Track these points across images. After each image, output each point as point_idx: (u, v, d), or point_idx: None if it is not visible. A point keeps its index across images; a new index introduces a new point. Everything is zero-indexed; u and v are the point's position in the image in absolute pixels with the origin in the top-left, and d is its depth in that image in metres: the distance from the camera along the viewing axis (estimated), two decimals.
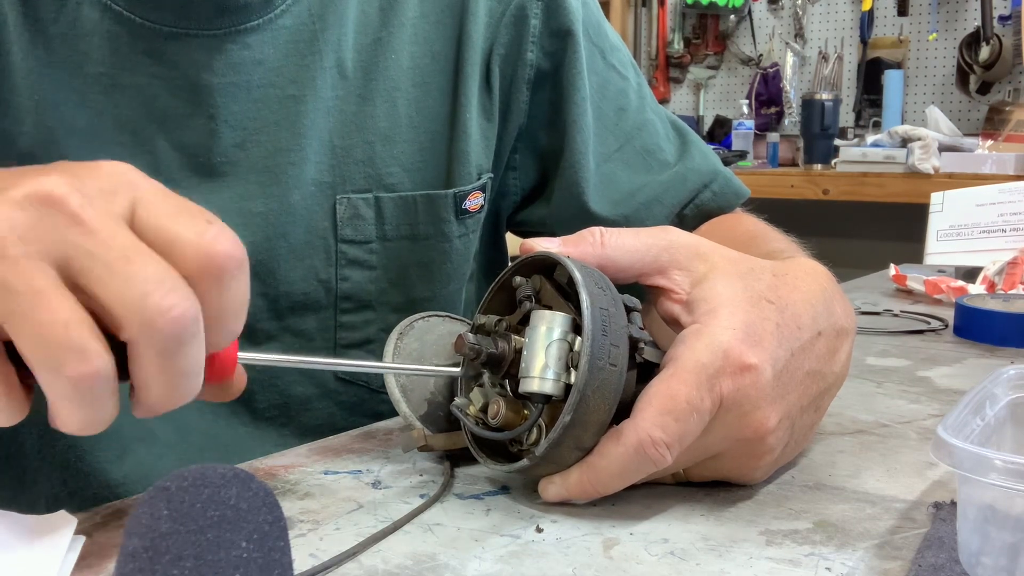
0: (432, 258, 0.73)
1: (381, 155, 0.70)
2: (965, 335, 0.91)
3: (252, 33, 0.64)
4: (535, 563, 0.42)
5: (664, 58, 3.70)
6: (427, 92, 0.72)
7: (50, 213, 0.36)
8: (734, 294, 0.48)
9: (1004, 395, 0.46)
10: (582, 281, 0.46)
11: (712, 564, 0.42)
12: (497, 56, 0.74)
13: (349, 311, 0.71)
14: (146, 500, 0.33)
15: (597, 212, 0.77)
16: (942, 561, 0.41)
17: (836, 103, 2.97)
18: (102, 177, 0.38)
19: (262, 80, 0.65)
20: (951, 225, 1.22)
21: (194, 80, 0.63)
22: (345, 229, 0.69)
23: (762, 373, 0.46)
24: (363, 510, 0.48)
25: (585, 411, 0.45)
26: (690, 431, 0.45)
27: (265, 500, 0.34)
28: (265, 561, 0.32)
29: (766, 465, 0.49)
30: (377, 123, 0.70)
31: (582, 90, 0.77)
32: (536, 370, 0.46)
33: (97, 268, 0.36)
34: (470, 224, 0.74)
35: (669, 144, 0.83)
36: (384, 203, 0.70)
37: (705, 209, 0.81)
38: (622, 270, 0.51)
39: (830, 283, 0.54)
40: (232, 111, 0.64)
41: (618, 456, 0.46)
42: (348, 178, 0.69)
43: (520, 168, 0.80)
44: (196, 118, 0.63)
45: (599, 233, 0.51)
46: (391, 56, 0.70)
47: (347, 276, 0.70)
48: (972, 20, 3.09)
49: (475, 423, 0.50)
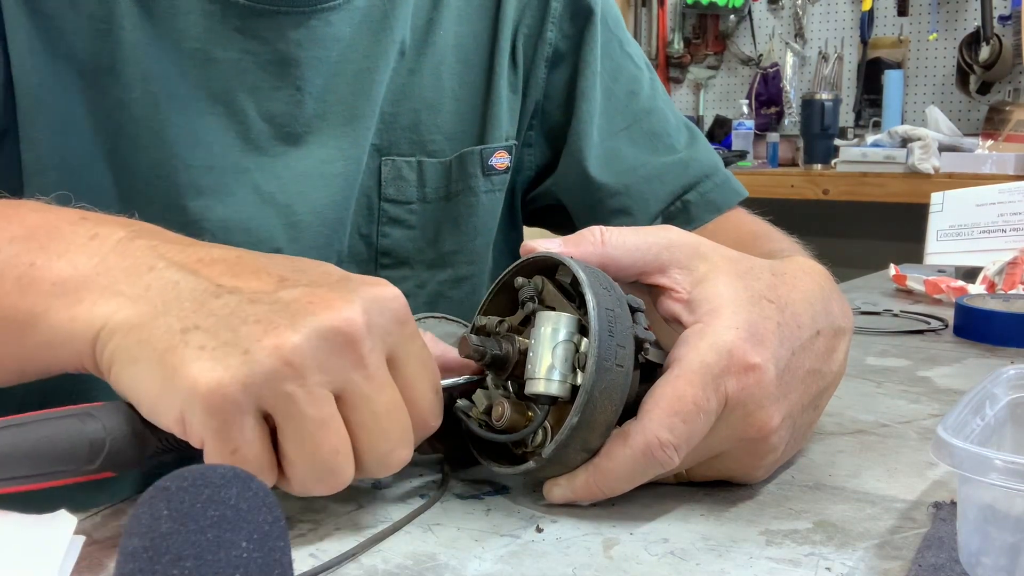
0: (462, 212, 0.77)
1: (425, 123, 0.75)
2: (965, 335, 0.91)
3: (333, 11, 0.69)
4: (535, 563, 0.42)
5: (664, 58, 3.69)
6: (468, 67, 0.77)
7: (343, 351, 0.41)
8: (735, 293, 0.48)
9: (1004, 395, 0.46)
10: (587, 282, 0.46)
11: (712, 564, 0.42)
12: (522, 35, 0.79)
13: (387, 267, 0.76)
14: (146, 500, 0.33)
15: (597, 178, 0.80)
16: (942, 561, 0.41)
17: (836, 103, 2.97)
18: (385, 312, 0.43)
19: (342, 55, 0.70)
20: (951, 225, 1.22)
21: (283, 54, 0.67)
22: (388, 189, 0.74)
23: (766, 372, 0.46)
24: (363, 510, 0.48)
25: (592, 412, 0.45)
26: (697, 432, 0.45)
27: (265, 500, 0.34)
28: (265, 561, 0.32)
29: (768, 464, 0.49)
30: (424, 93, 0.75)
31: (593, 65, 0.80)
32: (542, 371, 0.46)
33: (366, 412, 0.42)
34: (496, 182, 0.78)
35: (679, 134, 0.85)
36: (426, 167, 0.75)
37: (707, 198, 0.82)
38: (623, 269, 0.51)
39: (827, 282, 0.55)
40: (315, 83, 0.69)
41: (625, 458, 0.46)
42: (394, 142, 0.74)
43: (535, 144, 0.83)
44: (283, 90, 0.68)
45: (599, 232, 0.51)
46: (440, 33, 0.76)
47: (387, 233, 0.75)
48: (972, 20, 3.09)
49: (479, 425, 0.49)
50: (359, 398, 0.42)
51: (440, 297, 0.77)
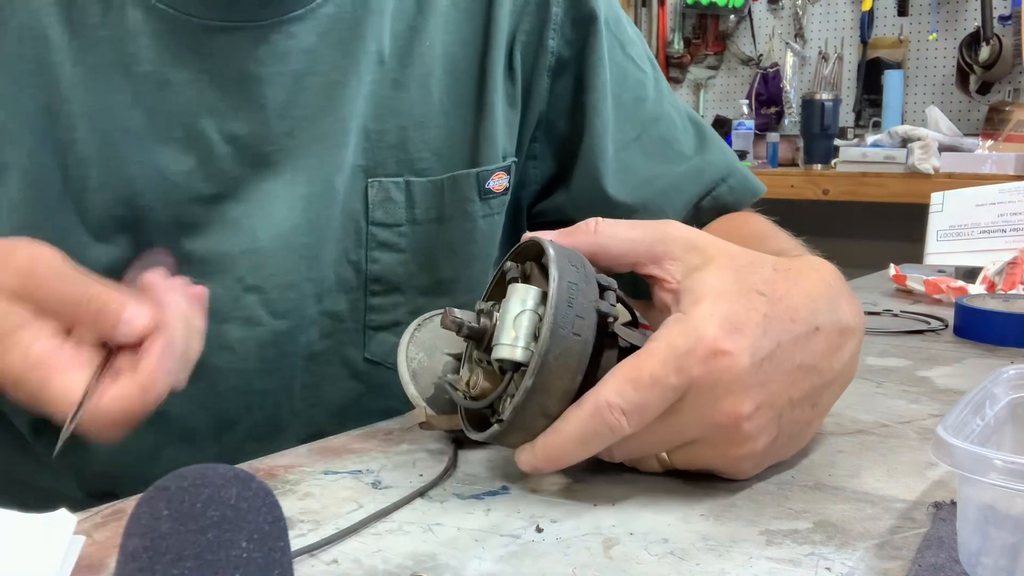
0: (457, 239, 0.74)
1: (413, 140, 0.71)
2: (965, 335, 0.91)
3: (296, 23, 0.65)
4: (535, 563, 0.42)
5: (664, 58, 3.69)
6: (457, 79, 0.73)
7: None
8: (721, 285, 0.48)
9: (1004, 395, 0.46)
10: (554, 256, 0.48)
11: (712, 564, 0.42)
12: (519, 43, 0.75)
13: (378, 293, 0.73)
14: (146, 500, 0.33)
15: (615, 197, 0.78)
16: (942, 561, 0.41)
17: (836, 103, 2.97)
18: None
19: (308, 69, 0.66)
20: (951, 225, 1.22)
21: (242, 72, 0.64)
22: (376, 212, 0.71)
23: (737, 359, 0.46)
24: (363, 510, 0.48)
25: (547, 377, 0.46)
26: (650, 403, 0.46)
27: (265, 500, 0.34)
28: (265, 561, 0.32)
29: (750, 456, 0.49)
30: (411, 108, 0.71)
31: (602, 76, 0.77)
32: (507, 339, 0.48)
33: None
34: (494, 205, 0.75)
35: (687, 137, 0.83)
36: (414, 187, 0.72)
37: (722, 202, 0.81)
38: (615, 258, 0.52)
39: (837, 280, 0.54)
40: (280, 100, 0.66)
41: (576, 419, 0.47)
42: (380, 162, 0.71)
43: (540, 157, 0.81)
44: (246, 109, 0.65)
45: (594, 223, 0.53)
46: (425, 43, 0.71)
47: (377, 258, 0.72)
48: (972, 20, 3.09)
49: (463, 396, 0.52)
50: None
51: None
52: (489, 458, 0.56)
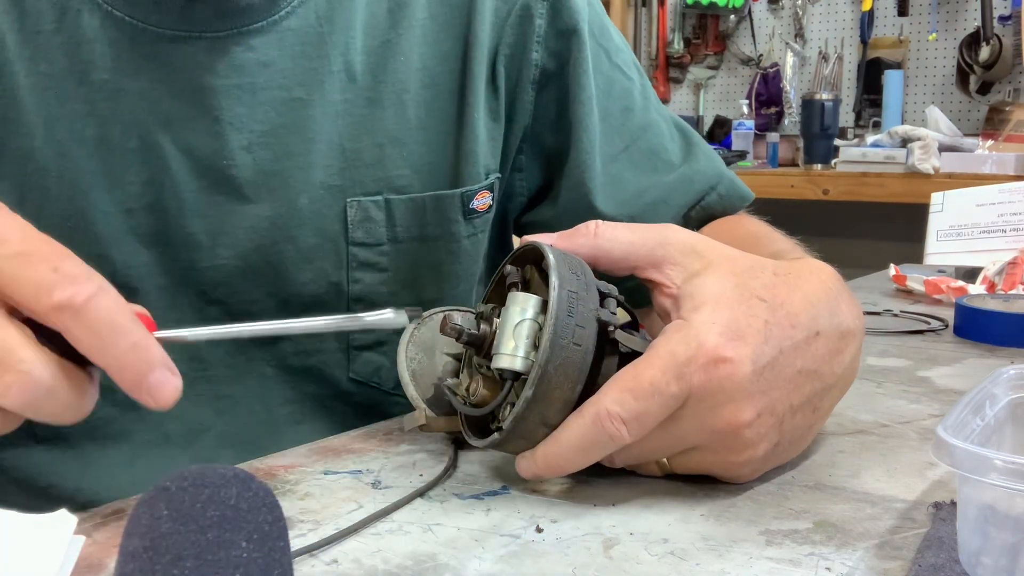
0: (441, 259, 0.73)
1: (391, 157, 0.70)
2: (965, 335, 0.91)
3: (256, 35, 0.64)
4: (535, 563, 0.42)
5: (664, 58, 3.69)
6: (436, 93, 0.71)
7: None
8: (722, 290, 0.48)
9: (1004, 395, 0.46)
10: (554, 264, 0.48)
11: (712, 564, 0.42)
12: (503, 56, 0.74)
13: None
14: (146, 500, 0.33)
15: (604, 211, 0.77)
16: (942, 561, 0.41)
17: (836, 103, 2.97)
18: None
19: (267, 82, 0.65)
20: (951, 225, 1.22)
21: (197, 83, 0.63)
22: (356, 232, 0.69)
23: (738, 367, 0.46)
24: (363, 510, 0.48)
25: (548, 387, 0.46)
26: (650, 412, 0.46)
27: (265, 500, 0.34)
28: (265, 561, 0.32)
29: (750, 462, 0.49)
30: (387, 125, 0.69)
31: (588, 89, 0.76)
32: (507, 348, 0.48)
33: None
34: (478, 224, 0.74)
35: (674, 145, 0.83)
36: (394, 205, 0.70)
37: (710, 211, 0.81)
38: (615, 262, 0.52)
39: (836, 283, 0.54)
40: (237, 113, 0.64)
41: (577, 427, 0.47)
42: (358, 181, 0.69)
43: (526, 169, 0.79)
44: (201, 121, 0.64)
45: (594, 225, 0.52)
46: (400, 58, 0.70)
47: (358, 279, 0.70)
48: (972, 20, 3.09)
49: (463, 402, 0.51)
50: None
51: None
52: (489, 458, 0.56)
